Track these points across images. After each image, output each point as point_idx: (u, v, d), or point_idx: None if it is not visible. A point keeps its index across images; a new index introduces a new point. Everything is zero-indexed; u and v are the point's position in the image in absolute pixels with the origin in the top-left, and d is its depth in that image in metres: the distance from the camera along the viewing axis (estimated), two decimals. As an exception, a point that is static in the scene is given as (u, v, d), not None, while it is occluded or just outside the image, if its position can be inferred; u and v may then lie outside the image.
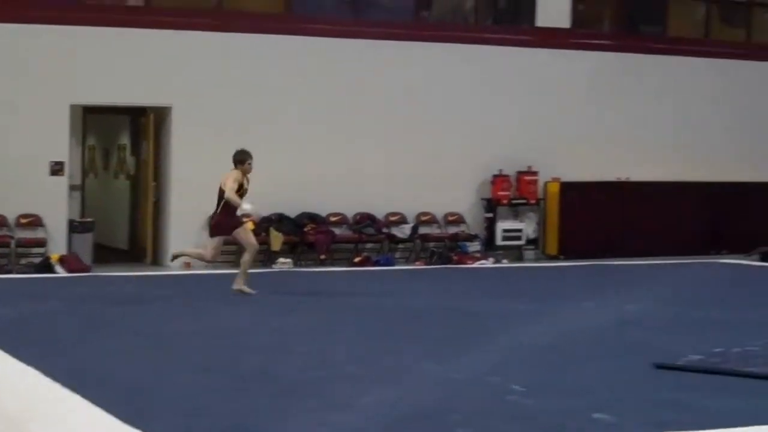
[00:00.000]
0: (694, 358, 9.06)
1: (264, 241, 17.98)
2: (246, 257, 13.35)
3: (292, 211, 19.16)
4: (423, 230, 20.07)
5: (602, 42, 21.94)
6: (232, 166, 13.30)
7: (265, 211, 17.63)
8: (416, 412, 7.32)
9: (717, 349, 9.44)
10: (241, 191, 13.17)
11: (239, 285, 13.39)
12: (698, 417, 7.19)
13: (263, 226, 18.18)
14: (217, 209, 13.32)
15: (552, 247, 21.10)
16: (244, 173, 13.17)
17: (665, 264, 18.68)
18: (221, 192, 13.18)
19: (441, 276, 17.14)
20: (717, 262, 19.31)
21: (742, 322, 11.47)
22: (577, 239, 20.89)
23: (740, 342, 9.83)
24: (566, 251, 20.80)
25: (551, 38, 21.16)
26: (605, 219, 21.10)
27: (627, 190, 21.47)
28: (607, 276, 16.62)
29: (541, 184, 21.02)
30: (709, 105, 22.41)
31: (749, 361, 8.99)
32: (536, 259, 20.75)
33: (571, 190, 21.00)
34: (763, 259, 19.42)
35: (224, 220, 13.21)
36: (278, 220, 18.90)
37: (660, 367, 8.80)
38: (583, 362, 9.24)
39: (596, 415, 7.17)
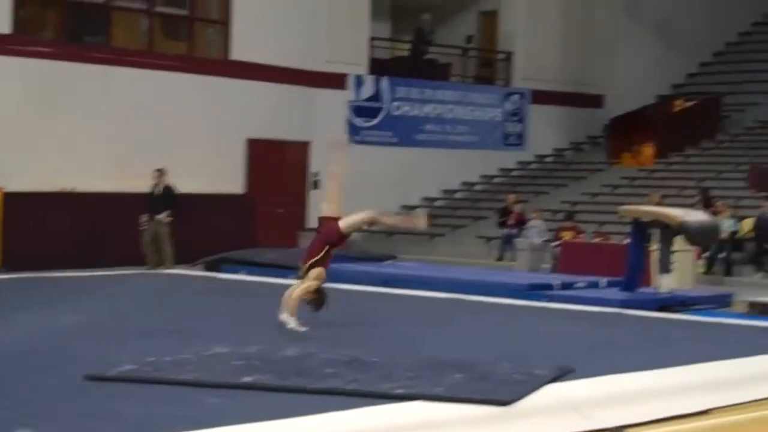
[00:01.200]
0: (126, 368, 9.10)
1: None
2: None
3: None
4: None
5: (44, 50, 21.67)
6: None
7: None
8: None
9: (150, 359, 9.54)
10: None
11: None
12: (125, 426, 7.24)
13: None
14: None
15: (-6, 259, 20.57)
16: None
17: (108, 275, 18.62)
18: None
19: None
20: (159, 272, 19.54)
21: (177, 331, 11.66)
22: (22, 250, 20.47)
23: (174, 351, 9.99)
24: (10, 263, 20.31)
25: (-9, 43, 20.66)
26: (51, 229, 20.84)
27: (73, 201, 21.34)
28: (46, 288, 16.31)
29: (-18, 194, 20.43)
30: (152, 116, 22.76)
31: (182, 368, 9.16)
32: (-22, 272, 20.08)
33: (13, 200, 20.57)
34: (207, 269, 19.87)
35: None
36: None
37: (92, 378, 8.76)
38: (12, 376, 8.99)
39: (21, 431, 7.02)
